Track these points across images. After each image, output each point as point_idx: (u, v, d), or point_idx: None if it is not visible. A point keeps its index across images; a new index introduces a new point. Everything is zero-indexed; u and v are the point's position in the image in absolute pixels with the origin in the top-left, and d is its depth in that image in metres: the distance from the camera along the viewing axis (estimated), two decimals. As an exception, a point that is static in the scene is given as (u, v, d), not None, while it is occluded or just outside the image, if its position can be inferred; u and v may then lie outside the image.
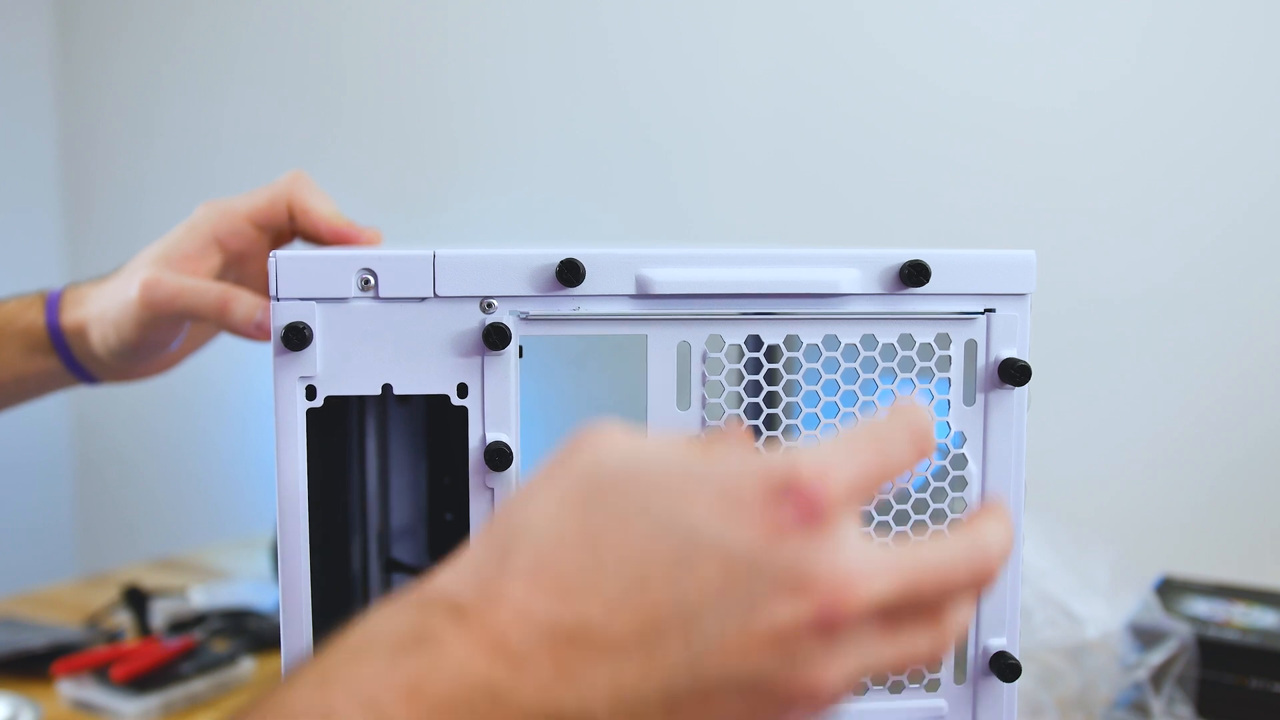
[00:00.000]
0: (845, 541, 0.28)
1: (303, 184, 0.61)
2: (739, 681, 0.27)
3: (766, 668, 0.27)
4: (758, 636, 0.27)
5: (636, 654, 0.27)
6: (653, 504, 0.28)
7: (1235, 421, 0.92)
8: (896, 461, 0.30)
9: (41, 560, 1.63)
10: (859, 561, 0.28)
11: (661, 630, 0.27)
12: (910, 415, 0.31)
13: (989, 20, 1.00)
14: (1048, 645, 0.73)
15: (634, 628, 0.27)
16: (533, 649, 0.27)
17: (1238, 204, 0.91)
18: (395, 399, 0.53)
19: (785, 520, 0.28)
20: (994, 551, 0.30)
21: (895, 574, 0.28)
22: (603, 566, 0.28)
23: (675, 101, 1.16)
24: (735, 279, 0.40)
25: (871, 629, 0.29)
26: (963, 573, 0.30)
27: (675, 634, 0.27)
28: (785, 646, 0.27)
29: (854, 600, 0.27)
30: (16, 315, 0.64)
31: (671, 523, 0.28)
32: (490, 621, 0.27)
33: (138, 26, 1.60)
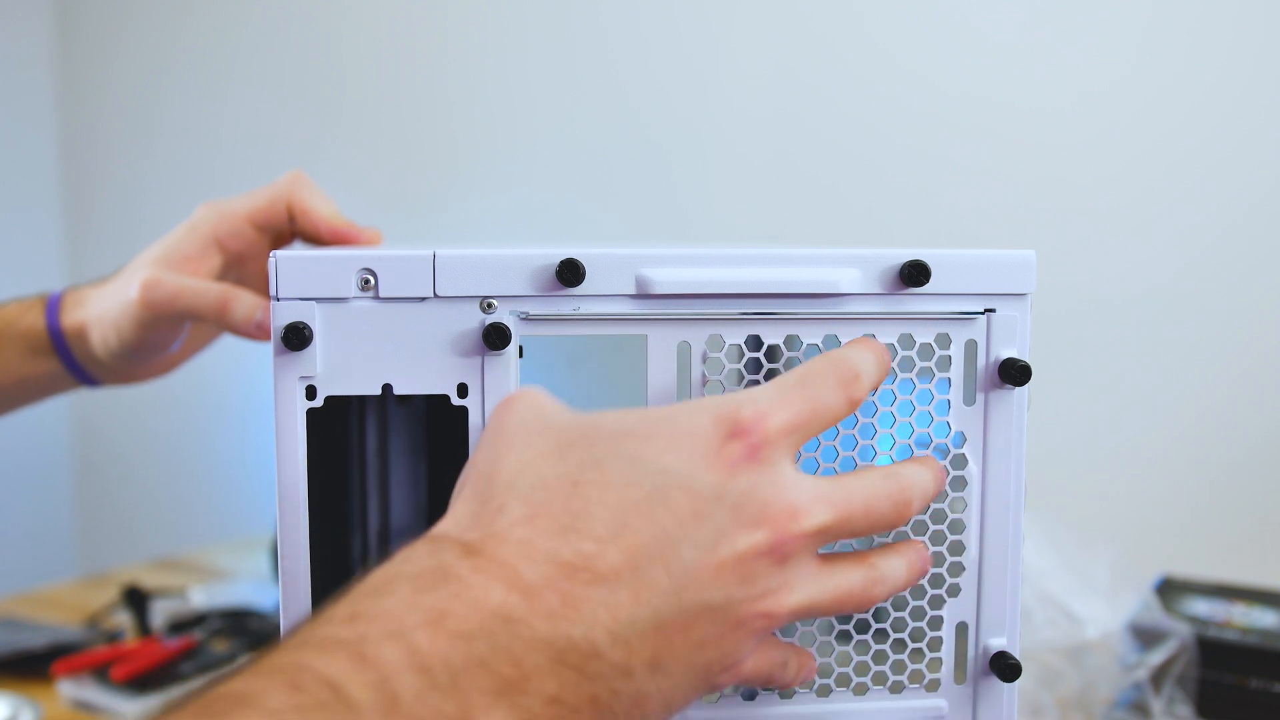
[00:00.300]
0: (787, 475, 0.32)
1: (302, 184, 0.61)
2: (711, 604, 0.31)
3: (733, 592, 0.31)
4: (725, 563, 0.31)
5: (628, 583, 0.30)
6: (622, 448, 0.32)
7: (1235, 421, 0.92)
8: (825, 407, 0.34)
9: (41, 560, 1.63)
10: (801, 493, 0.32)
11: (647, 560, 0.30)
12: (838, 363, 0.35)
13: (989, 20, 1.00)
14: (1048, 645, 0.73)
15: (624, 559, 0.30)
16: (541, 580, 0.29)
17: (1238, 204, 0.91)
18: (395, 399, 0.53)
19: (735, 457, 0.32)
20: (912, 487, 0.35)
21: (830, 503, 0.32)
22: (589, 506, 0.31)
23: (675, 101, 1.16)
24: (735, 279, 0.40)
25: (812, 561, 0.33)
26: (884, 503, 0.34)
27: (658, 563, 0.30)
28: (747, 571, 0.31)
29: (801, 527, 0.32)
30: (17, 318, 0.64)
31: (642, 463, 0.31)
32: (502, 556, 0.30)
33: (138, 26, 1.60)
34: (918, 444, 0.41)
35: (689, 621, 0.30)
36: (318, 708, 0.25)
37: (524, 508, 0.31)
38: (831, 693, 0.42)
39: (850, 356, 0.36)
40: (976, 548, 0.42)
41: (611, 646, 0.29)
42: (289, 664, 0.27)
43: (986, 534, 0.42)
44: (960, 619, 0.42)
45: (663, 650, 0.30)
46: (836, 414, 0.34)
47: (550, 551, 0.30)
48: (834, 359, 0.35)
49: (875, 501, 0.34)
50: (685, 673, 0.31)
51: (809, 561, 0.33)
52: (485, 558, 0.30)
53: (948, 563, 0.42)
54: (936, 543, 0.42)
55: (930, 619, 0.42)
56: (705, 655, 0.31)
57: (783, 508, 0.31)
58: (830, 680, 0.42)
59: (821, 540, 0.33)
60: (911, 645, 0.42)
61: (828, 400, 0.34)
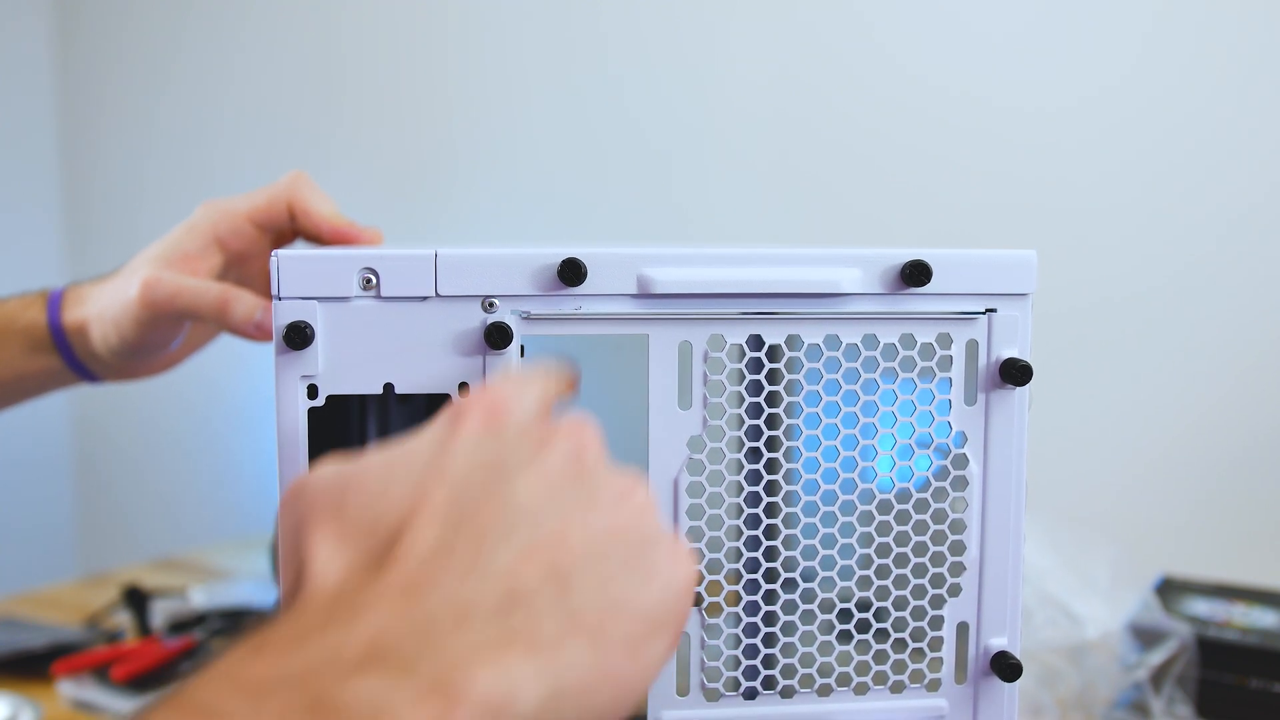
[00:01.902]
0: (526, 415, 0.32)
1: (303, 184, 0.61)
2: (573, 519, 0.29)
3: (578, 492, 0.30)
4: (550, 473, 0.30)
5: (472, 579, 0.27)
6: (395, 476, 0.30)
7: (1235, 421, 0.93)
8: (543, 370, 0.34)
9: (41, 560, 1.63)
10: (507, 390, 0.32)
11: (479, 544, 0.28)
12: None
13: (989, 21, 1.00)
14: (1048, 645, 0.73)
15: (442, 560, 0.27)
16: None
17: (1239, 204, 0.91)
18: (397, 398, 0.54)
19: (484, 418, 0.31)
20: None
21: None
22: (393, 546, 0.28)
23: (675, 101, 1.16)
24: (736, 279, 0.40)
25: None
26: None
27: (502, 538, 0.28)
28: (576, 470, 0.30)
29: (586, 424, 0.32)
30: (18, 314, 0.64)
31: (419, 479, 0.29)
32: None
33: (138, 26, 1.59)
34: (918, 444, 0.41)
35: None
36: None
37: (336, 577, 0.28)
38: (832, 693, 0.42)
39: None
40: (977, 548, 0.42)
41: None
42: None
43: (987, 534, 0.42)
44: (961, 619, 0.42)
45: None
46: (559, 375, 0.35)
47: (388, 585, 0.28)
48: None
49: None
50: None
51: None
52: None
53: (948, 563, 0.42)
54: (937, 543, 0.42)
55: (931, 619, 0.42)
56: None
57: (567, 425, 0.32)
58: (830, 680, 0.42)
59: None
60: (912, 645, 0.42)
61: (543, 370, 0.35)
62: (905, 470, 0.41)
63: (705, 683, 0.41)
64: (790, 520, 0.41)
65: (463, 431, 0.31)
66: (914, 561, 0.41)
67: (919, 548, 0.42)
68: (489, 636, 0.25)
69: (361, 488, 0.29)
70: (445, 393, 0.39)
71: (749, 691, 0.41)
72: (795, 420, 0.41)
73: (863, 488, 0.41)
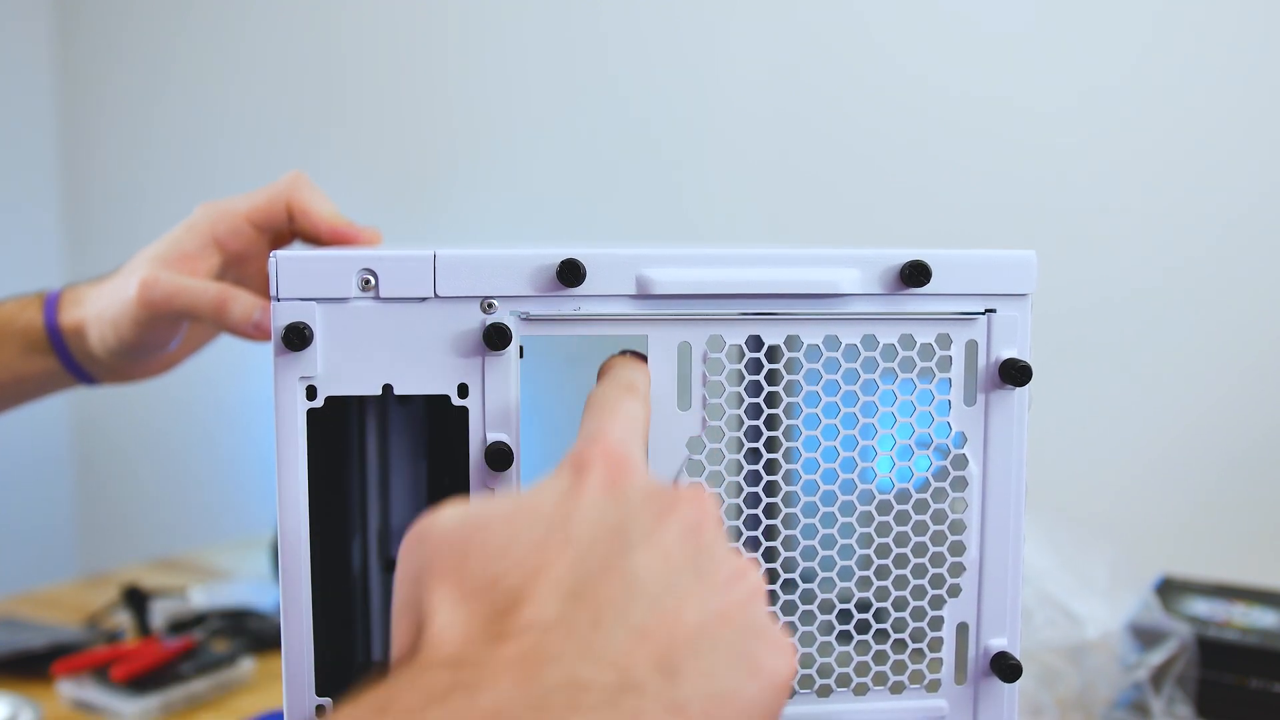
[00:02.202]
0: (645, 470, 0.33)
1: (302, 185, 0.61)
2: (687, 593, 0.29)
3: (696, 568, 0.30)
4: (669, 551, 0.30)
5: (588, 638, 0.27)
6: (520, 530, 0.29)
7: (1235, 421, 0.92)
8: (631, 413, 0.34)
9: (41, 560, 1.63)
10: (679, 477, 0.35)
11: (593, 610, 0.28)
12: (610, 381, 0.36)
13: (989, 20, 1.00)
14: (1048, 645, 0.73)
15: (560, 625, 0.27)
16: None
17: (1238, 204, 0.91)
18: (396, 399, 0.53)
19: (607, 476, 0.31)
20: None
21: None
22: (511, 602, 0.28)
23: (675, 101, 1.16)
24: (736, 279, 0.40)
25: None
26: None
27: (615, 606, 0.28)
28: (695, 544, 0.30)
29: (709, 498, 0.32)
30: (15, 315, 0.64)
31: (546, 529, 0.29)
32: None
33: (138, 26, 1.59)
34: (918, 444, 0.41)
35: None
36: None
37: (458, 634, 0.29)
38: (831, 693, 0.42)
39: (613, 370, 0.38)
40: (977, 548, 0.42)
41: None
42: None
43: (987, 534, 0.42)
44: (961, 619, 0.42)
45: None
46: (641, 418, 0.35)
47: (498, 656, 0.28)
48: (606, 381, 0.37)
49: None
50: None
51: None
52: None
53: (948, 563, 0.42)
54: (936, 543, 0.42)
55: (931, 619, 0.42)
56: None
57: (683, 490, 0.32)
58: (830, 681, 0.42)
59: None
60: (912, 645, 0.42)
61: (629, 409, 0.35)
62: (905, 470, 0.41)
63: (705, 683, 0.41)
64: (790, 521, 0.41)
65: (586, 491, 0.31)
66: (914, 562, 0.41)
67: (919, 548, 0.41)
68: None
69: (485, 543, 0.29)
70: (444, 394, 0.39)
71: (748, 692, 0.41)
72: (795, 421, 0.41)
73: (862, 488, 0.41)
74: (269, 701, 0.84)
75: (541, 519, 0.30)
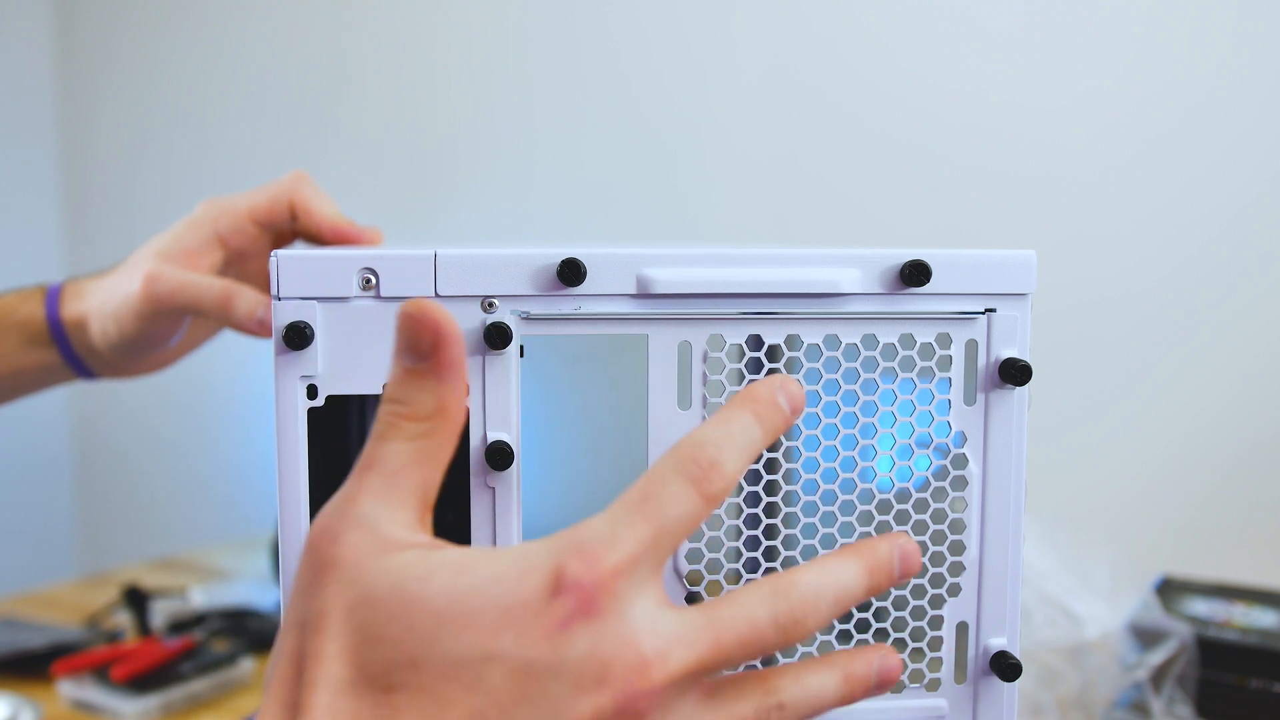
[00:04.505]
0: (635, 619, 0.28)
1: (304, 184, 0.61)
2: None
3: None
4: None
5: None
6: (441, 639, 0.27)
7: (1235, 421, 0.93)
8: (674, 521, 0.29)
9: (41, 560, 1.63)
10: (654, 638, 0.28)
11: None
12: (686, 458, 0.30)
13: (989, 19, 1.00)
14: (1048, 645, 0.73)
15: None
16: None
17: (1238, 202, 0.91)
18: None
19: (569, 614, 0.27)
20: (807, 601, 0.29)
21: (694, 644, 0.28)
22: (398, 704, 0.27)
23: (676, 101, 1.16)
24: (736, 279, 0.40)
25: (689, 697, 0.29)
26: (767, 628, 0.29)
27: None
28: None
29: (652, 680, 0.27)
30: (15, 307, 0.64)
31: (463, 653, 0.27)
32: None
33: (138, 26, 1.59)
34: (918, 444, 0.41)
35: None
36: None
37: (331, 713, 0.27)
38: (832, 692, 0.42)
39: (706, 440, 0.30)
40: (977, 548, 0.42)
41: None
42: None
43: (987, 534, 0.42)
44: (960, 619, 0.42)
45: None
46: (693, 520, 0.29)
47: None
48: (682, 450, 0.30)
49: (755, 629, 0.29)
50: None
51: (681, 704, 0.28)
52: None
53: (948, 563, 0.42)
54: (936, 543, 0.42)
55: (930, 619, 0.42)
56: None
57: (629, 661, 0.27)
58: (831, 680, 0.42)
59: (692, 680, 0.28)
60: (912, 645, 0.42)
61: (675, 512, 0.29)
62: (905, 470, 0.41)
63: (705, 683, 0.41)
64: (790, 520, 0.41)
65: (538, 628, 0.27)
66: (913, 561, 0.42)
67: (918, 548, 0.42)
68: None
69: (408, 630, 0.27)
70: (445, 393, 0.39)
71: (748, 691, 0.41)
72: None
73: (862, 488, 0.41)
74: (269, 701, 0.84)
75: (479, 634, 0.27)
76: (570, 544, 0.28)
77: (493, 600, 0.27)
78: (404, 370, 0.31)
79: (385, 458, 0.30)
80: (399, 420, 0.30)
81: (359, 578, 0.28)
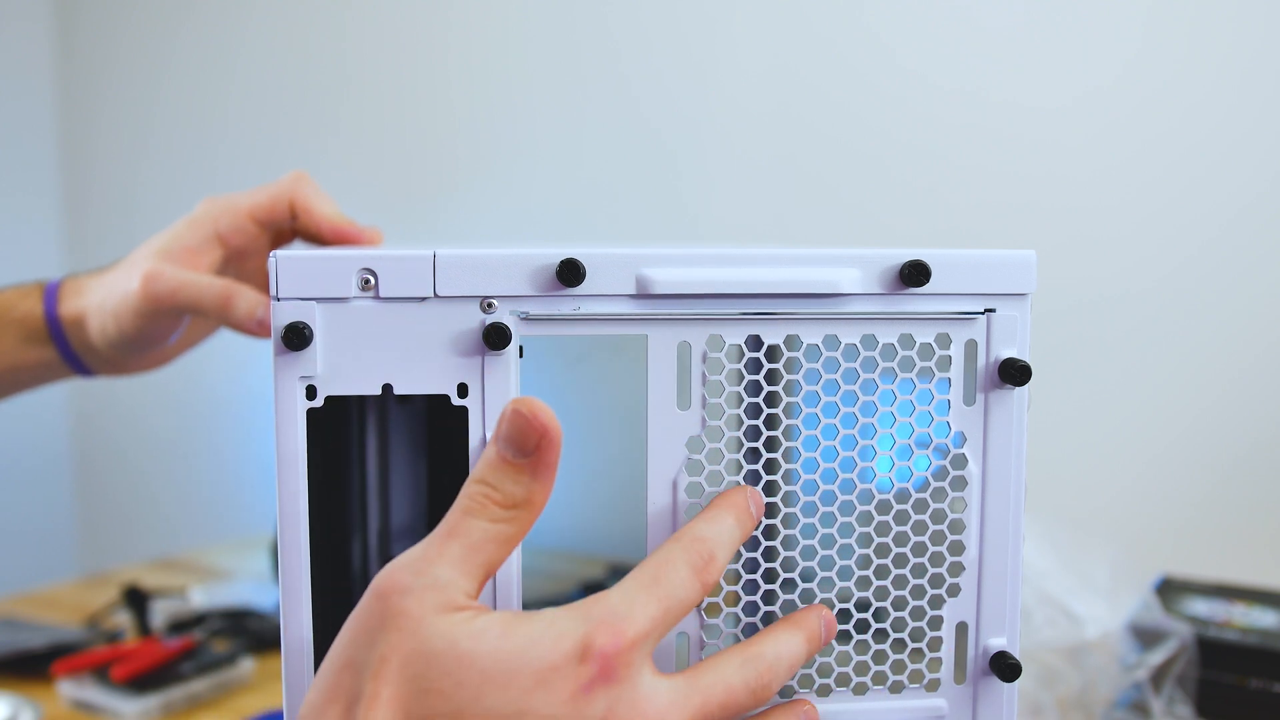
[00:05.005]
0: (643, 687, 0.33)
1: (304, 184, 0.61)
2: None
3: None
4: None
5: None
6: (484, 697, 0.31)
7: (1235, 421, 0.93)
8: (678, 603, 0.34)
9: (41, 560, 1.63)
10: (656, 702, 0.33)
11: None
12: (690, 547, 0.35)
13: (989, 18, 1.00)
14: (1048, 645, 0.73)
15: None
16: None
17: (1238, 201, 0.91)
18: (395, 399, 0.54)
19: (592, 679, 0.32)
20: (772, 669, 0.36)
21: (686, 707, 0.33)
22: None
23: (676, 101, 1.16)
24: (735, 279, 0.40)
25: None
26: (742, 693, 0.35)
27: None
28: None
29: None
30: (14, 304, 0.63)
31: (500, 711, 0.31)
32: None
33: (138, 26, 1.60)
34: (918, 444, 0.41)
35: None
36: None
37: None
38: (831, 693, 0.42)
39: (705, 536, 0.36)
40: (976, 548, 0.42)
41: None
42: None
43: (986, 534, 0.42)
44: (960, 619, 0.42)
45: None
46: (690, 604, 0.35)
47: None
48: (686, 542, 0.36)
49: (732, 694, 0.35)
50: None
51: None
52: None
53: (947, 563, 0.42)
54: (936, 543, 0.42)
55: (930, 619, 0.42)
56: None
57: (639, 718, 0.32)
58: (829, 680, 0.42)
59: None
60: (911, 645, 0.42)
61: (681, 595, 0.35)
62: (904, 470, 0.41)
63: (704, 683, 0.41)
64: (789, 520, 0.41)
65: (573, 688, 0.31)
66: (913, 561, 0.41)
67: (918, 548, 0.42)
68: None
69: (456, 687, 0.31)
70: (444, 394, 0.39)
71: (748, 692, 0.41)
72: (794, 421, 0.41)
73: (862, 488, 0.41)
74: (269, 701, 0.84)
75: (517, 693, 0.31)
76: (595, 616, 0.33)
77: (530, 663, 0.32)
78: (502, 459, 0.34)
79: (469, 532, 0.34)
80: (489, 503, 0.34)
81: (419, 631, 0.32)
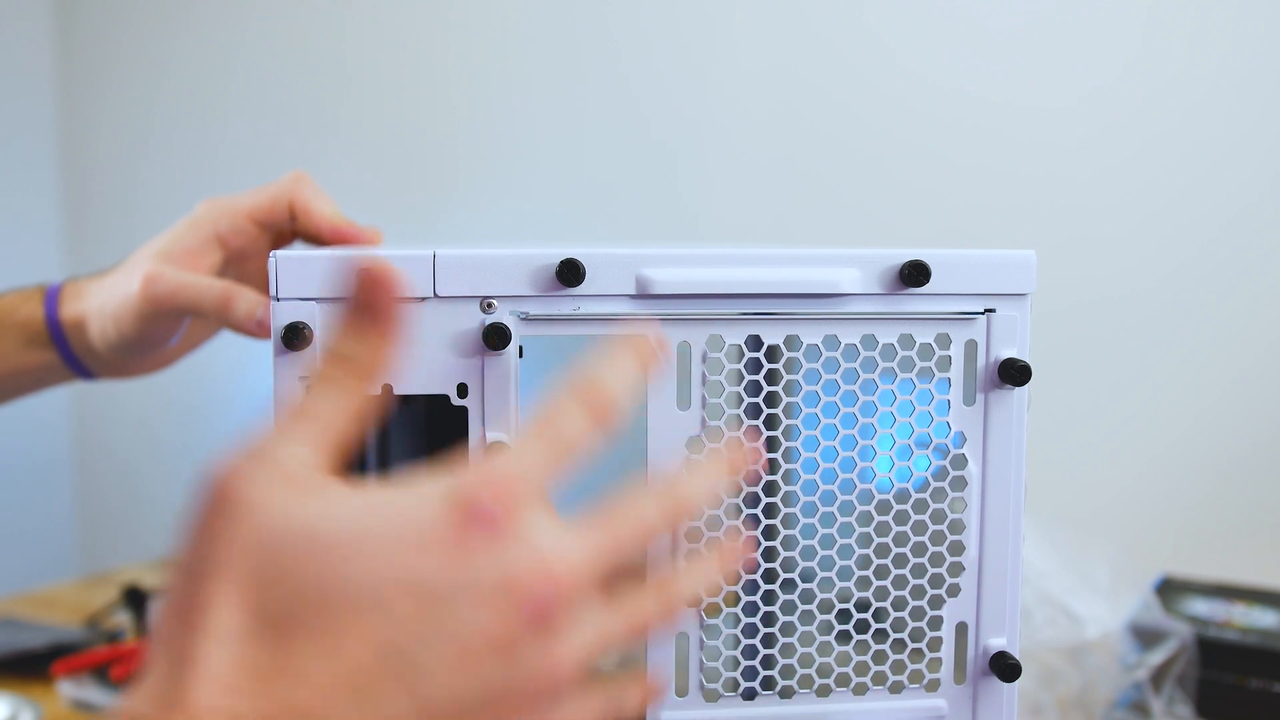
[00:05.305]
0: (535, 532, 0.28)
1: (304, 184, 0.61)
2: (473, 699, 0.27)
3: (495, 677, 0.27)
4: (475, 651, 0.27)
5: (356, 717, 0.26)
6: (340, 569, 0.27)
7: (1235, 421, 0.92)
8: (570, 436, 0.30)
9: (41, 560, 1.63)
10: (552, 544, 0.28)
11: (375, 683, 0.27)
12: (578, 386, 0.31)
13: (989, 19, 1.00)
14: (1048, 645, 0.73)
15: (346, 693, 0.27)
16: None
17: (1237, 202, 0.91)
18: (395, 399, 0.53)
19: (470, 532, 0.28)
20: (683, 488, 0.31)
21: (589, 541, 0.29)
22: (297, 646, 0.27)
23: (676, 101, 1.16)
24: (735, 279, 0.40)
25: (592, 603, 0.29)
26: (653, 511, 0.31)
27: (390, 681, 0.27)
28: (506, 651, 0.27)
29: (556, 583, 0.28)
30: (15, 308, 0.63)
31: (365, 580, 0.27)
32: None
33: (138, 26, 1.59)
34: (918, 444, 0.41)
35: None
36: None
37: (217, 659, 0.27)
38: (831, 693, 0.42)
39: (598, 379, 0.31)
40: (976, 548, 0.42)
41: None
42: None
43: (986, 534, 0.42)
44: (960, 619, 0.42)
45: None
46: (584, 443, 0.31)
47: (249, 711, 0.26)
48: (577, 387, 0.31)
49: (644, 515, 0.30)
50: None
51: (587, 610, 0.29)
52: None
53: (947, 563, 0.42)
54: (936, 543, 0.42)
55: (930, 619, 0.42)
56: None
57: (532, 569, 0.28)
58: (830, 680, 0.42)
59: (594, 577, 0.29)
60: (911, 645, 0.42)
61: (571, 434, 0.30)
62: (904, 470, 0.41)
63: (704, 683, 0.41)
64: (789, 520, 0.41)
65: (444, 552, 0.27)
66: (913, 562, 0.41)
67: (918, 548, 0.42)
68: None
69: (308, 566, 0.27)
70: (444, 393, 0.39)
71: (748, 692, 0.41)
72: (794, 421, 0.41)
73: (862, 488, 0.41)
74: (269, 701, 0.84)
75: (380, 562, 0.27)
76: (468, 471, 0.29)
77: (393, 527, 0.28)
78: (343, 322, 0.31)
79: (311, 406, 0.31)
80: (331, 370, 0.31)
81: (258, 516, 0.28)
